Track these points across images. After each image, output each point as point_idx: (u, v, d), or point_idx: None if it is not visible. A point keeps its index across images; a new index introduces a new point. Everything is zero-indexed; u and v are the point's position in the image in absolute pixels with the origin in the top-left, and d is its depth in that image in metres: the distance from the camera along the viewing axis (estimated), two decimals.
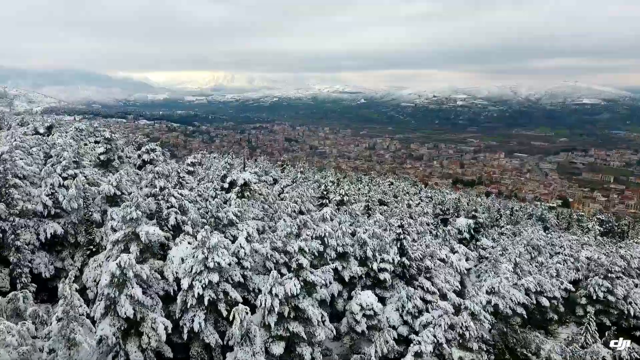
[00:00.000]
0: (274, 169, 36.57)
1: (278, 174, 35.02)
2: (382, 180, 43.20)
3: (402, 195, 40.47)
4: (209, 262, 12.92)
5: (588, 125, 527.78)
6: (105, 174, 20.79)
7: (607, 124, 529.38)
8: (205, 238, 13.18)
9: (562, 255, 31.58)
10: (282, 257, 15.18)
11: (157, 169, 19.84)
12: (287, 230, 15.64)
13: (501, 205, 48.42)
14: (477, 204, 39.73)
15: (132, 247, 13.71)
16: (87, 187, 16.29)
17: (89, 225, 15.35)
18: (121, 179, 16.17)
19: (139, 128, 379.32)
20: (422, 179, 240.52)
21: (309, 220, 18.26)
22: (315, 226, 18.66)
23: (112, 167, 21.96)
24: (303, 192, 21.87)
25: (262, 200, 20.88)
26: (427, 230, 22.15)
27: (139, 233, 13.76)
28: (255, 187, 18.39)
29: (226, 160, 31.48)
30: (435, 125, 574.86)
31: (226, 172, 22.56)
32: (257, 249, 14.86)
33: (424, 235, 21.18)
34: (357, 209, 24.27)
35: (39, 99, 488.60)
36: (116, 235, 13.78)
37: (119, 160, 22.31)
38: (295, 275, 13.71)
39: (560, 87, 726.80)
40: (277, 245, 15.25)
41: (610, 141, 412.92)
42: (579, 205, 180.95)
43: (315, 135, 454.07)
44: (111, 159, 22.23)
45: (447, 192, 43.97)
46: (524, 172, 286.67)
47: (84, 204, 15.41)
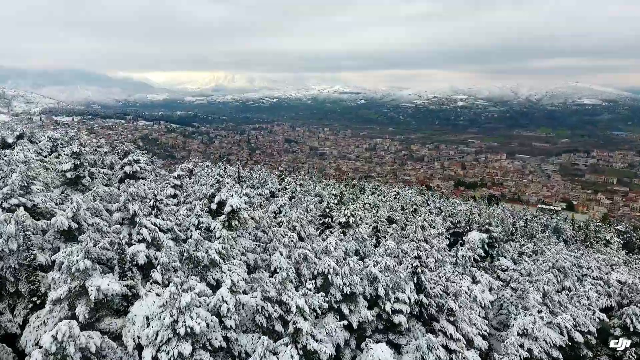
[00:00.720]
0: (272, 180, 33.56)
1: (276, 186, 32.01)
2: (388, 190, 40.19)
3: (410, 206, 37.45)
4: (179, 328, 9.84)
5: (589, 126, 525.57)
6: (70, 195, 17.72)
7: (608, 124, 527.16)
8: (174, 295, 10.13)
9: (590, 278, 28.52)
10: (277, 309, 12.14)
11: (132, 190, 16.75)
12: (282, 275, 12.58)
13: (515, 216, 45.45)
14: (491, 216, 36.62)
15: (79, 308, 10.58)
16: (32, 222, 13.17)
17: (31, 272, 12.21)
18: (79, 208, 13.04)
19: (137, 129, 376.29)
20: (423, 181, 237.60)
21: (310, 253, 15.29)
22: (317, 259, 15.66)
23: (81, 186, 18.96)
24: (302, 216, 18.86)
25: (255, 226, 17.88)
26: (445, 258, 19.18)
27: (89, 289, 10.67)
28: (245, 215, 15.34)
29: (218, 171, 28.32)
30: (436, 126, 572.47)
31: (215, 190, 19.47)
32: (244, 301, 11.80)
33: (443, 265, 18.16)
34: (364, 231, 21.35)
35: (37, 100, 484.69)
36: (57, 293, 10.58)
37: (90, 177, 19.29)
38: (292, 341, 10.72)
39: (561, 88, 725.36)
40: (270, 294, 12.23)
41: (612, 142, 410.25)
42: (583, 208, 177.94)
43: (315, 136, 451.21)
44: (80, 176, 19.14)
45: (457, 203, 40.93)
46: (526, 173, 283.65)
47: (24, 244, 12.26)
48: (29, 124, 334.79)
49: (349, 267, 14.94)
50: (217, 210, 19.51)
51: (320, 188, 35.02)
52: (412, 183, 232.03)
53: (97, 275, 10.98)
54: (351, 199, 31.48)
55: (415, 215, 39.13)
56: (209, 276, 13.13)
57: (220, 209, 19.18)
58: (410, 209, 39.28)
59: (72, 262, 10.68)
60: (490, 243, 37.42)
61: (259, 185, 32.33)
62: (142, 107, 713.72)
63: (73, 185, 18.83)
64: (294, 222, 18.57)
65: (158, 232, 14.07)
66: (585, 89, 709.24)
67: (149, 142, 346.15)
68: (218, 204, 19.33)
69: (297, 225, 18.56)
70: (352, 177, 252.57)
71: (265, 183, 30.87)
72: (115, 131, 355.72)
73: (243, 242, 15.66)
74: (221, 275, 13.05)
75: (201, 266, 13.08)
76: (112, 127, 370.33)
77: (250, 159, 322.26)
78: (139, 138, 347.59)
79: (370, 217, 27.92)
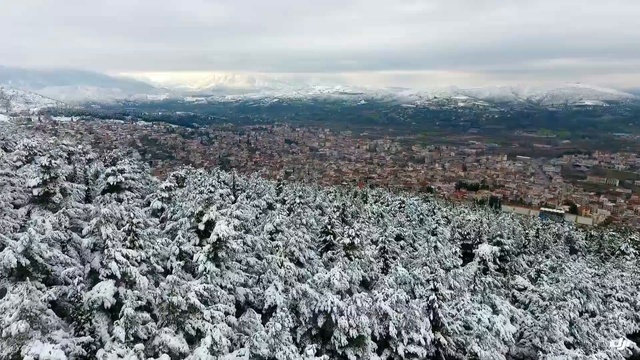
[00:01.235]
0: (269, 190, 31.42)
1: (273, 197, 29.80)
2: (392, 197, 37.95)
3: (416, 216, 35.22)
4: None
5: (590, 127, 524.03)
6: (35, 216, 15.49)
7: (609, 125, 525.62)
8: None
9: (615, 299, 26.24)
10: None
11: (105, 211, 14.50)
12: (277, 327, 10.29)
13: (524, 225, 43.20)
14: (502, 227, 34.36)
15: None
16: None
17: None
18: (31, 241, 10.76)
19: (137, 129, 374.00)
20: (424, 183, 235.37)
21: (309, 288, 13.03)
22: (318, 294, 13.42)
23: (51, 204, 16.76)
24: (301, 239, 16.65)
25: (248, 249, 15.70)
26: (462, 284, 16.95)
27: (24, 358, 8.44)
28: (234, 246, 13.09)
29: (211, 181, 26.06)
30: (436, 127, 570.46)
31: (204, 207, 17.22)
32: None
33: (461, 294, 15.93)
34: (370, 252, 19.14)
35: (36, 100, 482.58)
36: None
37: (61, 194, 17.09)
38: None
39: (562, 88, 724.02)
40: (262, 351, 9.96)
41: (613, 143, 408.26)
42: (586, 211, 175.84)
43: (315, 136, 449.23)
44: (50, 192, 16.91)
45: (465, 212, 38.64)
46: (527, 175, 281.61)
47: None
48: (26, 124, 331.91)
49: (356, 306, 12.69)
50: (205, 230, 17.26)
51: (321, 198, 32.81)
52: (413, 185, 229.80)
53: (36, 339, 8.69)
54: (355, 210, 29.26)
55: (421, 225, 36.88)
56: (187, 324, 10.88)
57: (209, 228, 16.96)
58: (417, 220, 37.03)
59: (4, 324, 8.45)
60: (502, 256, 35.18)
61: (255, 195, 30.09)
62: (142, 107, 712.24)
63: (41, 204, 16.64)
64: (292, 247, 16.36)
65: (130, 266, 11.86)
66: (586, 89, 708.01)
67: (148, 143, 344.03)
68: (207, 223, 17.08)
69: (295, 249, 16.35)
70: (352, 179, 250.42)
71: (262, 193, 28.62)
72: (114, 131, 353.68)
73: (232, 276, 13.42)
74: (202, 324, 10.81)
75: (178, 312, 10.86)
76: (111, 127, 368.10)
77: (250, 160, 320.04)
78: (138, 138, 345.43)
79: (376, 232, 25.70)
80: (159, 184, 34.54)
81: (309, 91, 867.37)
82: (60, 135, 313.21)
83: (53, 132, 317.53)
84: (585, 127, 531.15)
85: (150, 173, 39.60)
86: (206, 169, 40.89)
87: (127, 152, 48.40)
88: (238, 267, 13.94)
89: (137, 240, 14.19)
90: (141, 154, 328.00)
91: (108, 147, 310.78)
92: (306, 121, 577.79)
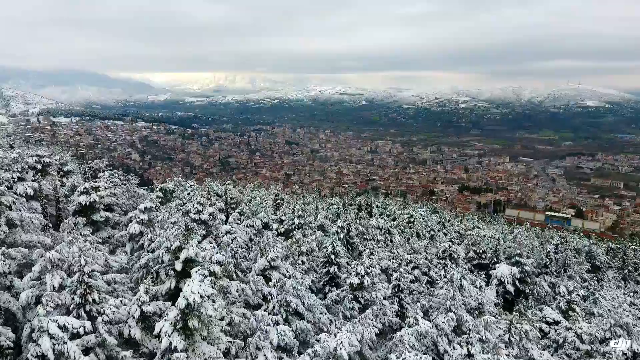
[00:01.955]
0: (265, 207, 28.38)
1: (269, 215, 26.72)
2: (399, 211, 34.70)
3: (426, 232, 32.14)
4: None
5: (592, 129, 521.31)
6: None
7: (611, 127, 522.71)
8: None
9: None
10: None
11: (51, 255, 11.40)
12: None
13: (542, 239, 40.07)
14: (520, 244, 31.25)
15: None
16: None
17: None
18: None
19: (136, 130, 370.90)
20: (427, 185, 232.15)
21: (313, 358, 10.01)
22: None
23: None
24: (300, 284, 13.49)
25: (234, 301, 12.65)
26: (498, 342, 13.77)
27: None
28: (210, 312, 9.97)
29: (199, 200, 23.00)
30: (438, 128, 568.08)
31: (181, 242, 14.12)
32: None
33: (496, 350, 12.80)
34: (382, 295, 15.98)
35: (36, 100, 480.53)
36: None
37: (8, 226, 13.98)
38: None
39: (564, 90, 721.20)
40: None
41: (616, 145, 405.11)
42: (592, 215, 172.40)
43: (316, 137, 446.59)
44: None
45: (478, 225, 35.27)
46: (530, 177, 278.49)
47: None
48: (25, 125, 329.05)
49: None
50: (183, 271, 14.16)
51: (323, 216, 29.69)
52: (415, 187, 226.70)
53: None
54: (361, 231, 26.11)
55: (433, 242, 33.82)
56: None
57: (188, 267, 13.88)
58: (427, 236, 33.91)
59: None
60: (522, 278, 32.05)
61: (250, 213, 27.01)
62: (142, 108, 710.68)
63: None
64: (288, 296, 13.22)
65: (68, 342, 8.80)
66: (588, 90, 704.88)
67: (148, 144, 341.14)
68: (185, 262, 14.00)
69: (291, 299, 13.23)
70: (354, 182, 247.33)
71: (257, 211, 25.51)
72: (114, 133, 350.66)
73: (207, 349, 10.29)
74: None
75: None
76: (111, 128, 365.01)
77: (250, 162, 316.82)
78: (137, 140, 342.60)
79: (385, 256, 22.63)
80: (145, 197, 31.45)
81: (310, 92, 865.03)
82: (57, 136, 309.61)
83: (51, 134, 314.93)
84: (588, 128, 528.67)
85: (137, 184, 36.49)
86: (198, 181, 37.77)
87: (124, 157, 45.28)
88: (218, 330, 10.84)
89: (91, 293, 11.04)
90: (140, 156, 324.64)
91: (107, 148, 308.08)
92: (307, 122, 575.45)
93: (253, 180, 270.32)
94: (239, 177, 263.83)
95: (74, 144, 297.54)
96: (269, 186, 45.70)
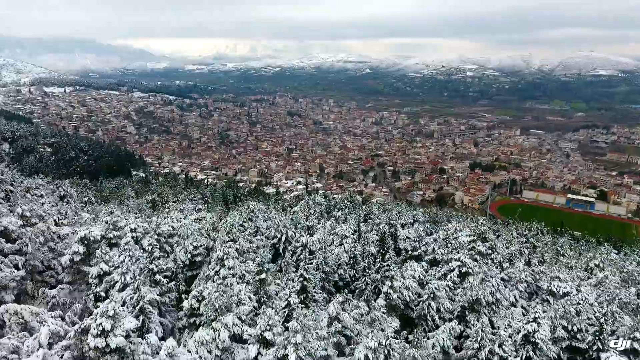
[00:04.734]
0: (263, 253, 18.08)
1: (267, 258, 16.63)
2: (440, 250, 24.00)
3: (488, 294, 21.71)
4: None
5: (605, 99, 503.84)
6: None
7: (625, 97, 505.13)
8: None
9: None
10: None
11: None
12: None
13: None
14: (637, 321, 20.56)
15: None
16: None
17: None
18: None
19: (132, 101, 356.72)
20: (435, 162, 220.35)
21: None
22: None
23: None
24: None
25: None
26: None
27: None
28: None
29: (111, 308, 15.84)
30: (444, 98, 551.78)
31: None
32: None
33: None
34: None
35: (28, 69, 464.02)
36: None
37: None
38: None
39: (575, 57, 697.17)
40: None
41: (631, 116, 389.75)
42: (615, 197, 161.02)
43: (319, 108, 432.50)
44: None
45: (565, 278, 23.21)
46: (543, 152, 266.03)
47: None
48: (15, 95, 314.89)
49: None
50: None
51: (335, 258, 19.01)
52: (424, 164, 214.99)
53: None
54: None
55: (498, 308, 23.56)
56: None
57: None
58: (491, 299, 23.48)
59: None
60: None
61: (243, 249, 17.10)
62: (141, 76, 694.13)
63: None
64: None
65: None
66: (601, 59, 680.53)
67: (144, 116, 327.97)
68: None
69: None
70: (359, 158, 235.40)
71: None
72: (109, 104, 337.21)
73: None
74: None
75: None
76: (106, 99, 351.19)
77: (250, 135, 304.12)
78: (133, 111, 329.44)
79: None
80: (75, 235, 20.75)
81: (312, 59, 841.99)
82: (49, 108, 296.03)
83: (43, 105, 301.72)
84: (600, 98, 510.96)
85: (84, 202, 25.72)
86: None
87: None
88: None
89: None
90: (136, 129, 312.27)
91: (101, 120, 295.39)
92: (309, 91, 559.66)
93: (254, 156, 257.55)
94: (238, 152, 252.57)
95: (66, 116, 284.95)
96: None
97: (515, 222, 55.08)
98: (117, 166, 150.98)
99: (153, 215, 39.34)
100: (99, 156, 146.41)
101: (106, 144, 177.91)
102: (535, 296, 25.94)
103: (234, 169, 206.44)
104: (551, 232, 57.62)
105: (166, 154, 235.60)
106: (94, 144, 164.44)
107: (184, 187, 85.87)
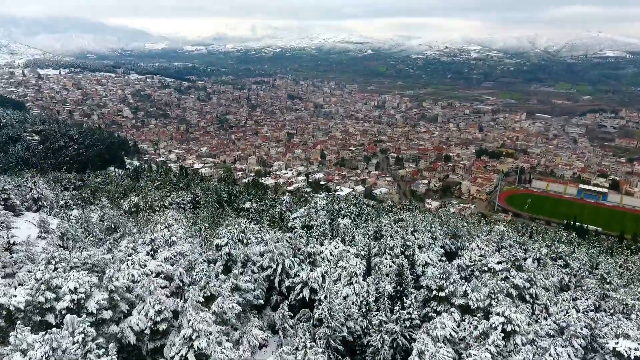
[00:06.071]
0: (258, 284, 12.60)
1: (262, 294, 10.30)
2: (476, 295, 18.59)
3: None
4: None
5: (612, 81, 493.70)
6: None
7: (633, 79, 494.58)
8: None
9: None
10: None
11: None
12: None
13: None
14: None
15: None
16: None
17: None
18: None
19: (129, 84, 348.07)
20: (440, 149, 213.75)
21: None
22: None
23: None
24: None
25: None
26: None
27: None
28: None
29: None
30: (448, 80, 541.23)
31: None
32: None
33: None
34: None
35: (22, 51, 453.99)
36: None
37: None
38: None
39: (582, 38, 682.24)
40: None
41: (639, 100, 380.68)
42: (627, 186, 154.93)
43: (320, 90, 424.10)
44: None
45: (636, 336, 18.82)
46: (550, 137, 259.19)
47: None
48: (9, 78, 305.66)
49: None
50: None
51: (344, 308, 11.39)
52: (428, 150, 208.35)
53: None
54: None
55: None
56: None
57: None
58: (528, 348, 18.39)
59: None
60: None
61: (224, 309, 11.44)
62: (139, 57, 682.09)
63: None
64: None
65: None
66: (608, 39, 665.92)
67: (141, 99, 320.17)
68: None
69: None
70: (361, 144, 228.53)
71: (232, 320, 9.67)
72: (105, 86, 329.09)
73: None
74: None
75: None
76: (102, 81, 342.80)
77: (249, 119, 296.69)
78: (129, 94, 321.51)
79: None
80: None
81: (313, 40, 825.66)
82: (42, 91, 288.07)
83: (36, 88, 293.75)
84: (607, 80, 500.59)
85: None
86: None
87: None
88: None
89: None
90: (132, 113, 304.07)
91: (97, 104, 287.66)
92: (310, 73, 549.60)
93: (253, 141, 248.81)
94: (237, 137, 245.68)
95: (61, 100, 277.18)
96: None
97: (537, 224, 49.79)
98: (109, 155, 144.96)
99: (134, 227, 33.86)
100: (90, 144, 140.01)
101: (98, 132, 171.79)
102: (593, 354, 20.29)
103: (233, 157, 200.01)
104: (576, 240, 51.93)
105: (163, 140, 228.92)
106: (85, 131, 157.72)
107: (176, 182, 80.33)
